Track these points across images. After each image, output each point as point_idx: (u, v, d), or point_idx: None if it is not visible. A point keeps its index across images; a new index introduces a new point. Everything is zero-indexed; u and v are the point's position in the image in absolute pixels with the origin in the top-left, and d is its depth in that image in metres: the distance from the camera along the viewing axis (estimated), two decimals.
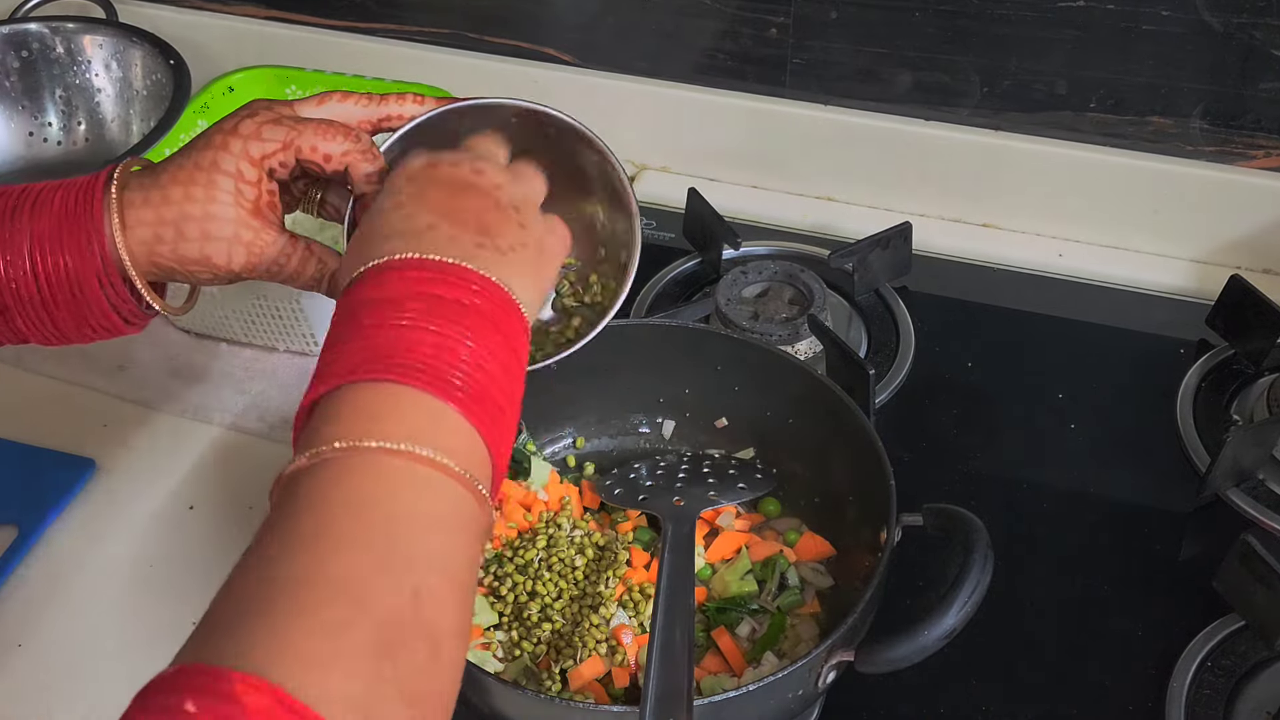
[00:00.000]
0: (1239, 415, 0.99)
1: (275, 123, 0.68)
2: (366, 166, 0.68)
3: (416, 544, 0.50)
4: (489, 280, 0.59)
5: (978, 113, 1.14)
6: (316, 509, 0.50)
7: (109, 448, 1.00)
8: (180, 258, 0.68)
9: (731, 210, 1.15)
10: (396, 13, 1.27)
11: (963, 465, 0.97)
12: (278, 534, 0.50)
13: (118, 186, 0.67)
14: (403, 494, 0.51)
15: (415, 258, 0.58)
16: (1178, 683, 0.81)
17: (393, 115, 0.72)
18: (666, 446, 0.94)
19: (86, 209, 0.67)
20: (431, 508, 0.52)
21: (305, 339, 1.05)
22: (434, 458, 0.52)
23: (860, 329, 1.08)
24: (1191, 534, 0.93)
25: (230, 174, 0.67)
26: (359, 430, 0.52)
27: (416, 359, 0.54)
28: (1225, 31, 1.02)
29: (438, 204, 0.61)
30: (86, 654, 0.87)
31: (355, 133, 0.69)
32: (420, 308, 0.56)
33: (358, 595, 0.47)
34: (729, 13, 1.15)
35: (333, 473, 0.51)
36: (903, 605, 0.80)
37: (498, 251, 0.60)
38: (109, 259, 0.67)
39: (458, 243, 0.59)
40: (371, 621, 0.46)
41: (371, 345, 0.55)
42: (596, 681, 0.78)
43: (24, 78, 1.22)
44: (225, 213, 0.67)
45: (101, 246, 0.67)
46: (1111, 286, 1.12)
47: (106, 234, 0.67)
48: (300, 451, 0.52)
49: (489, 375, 0.56)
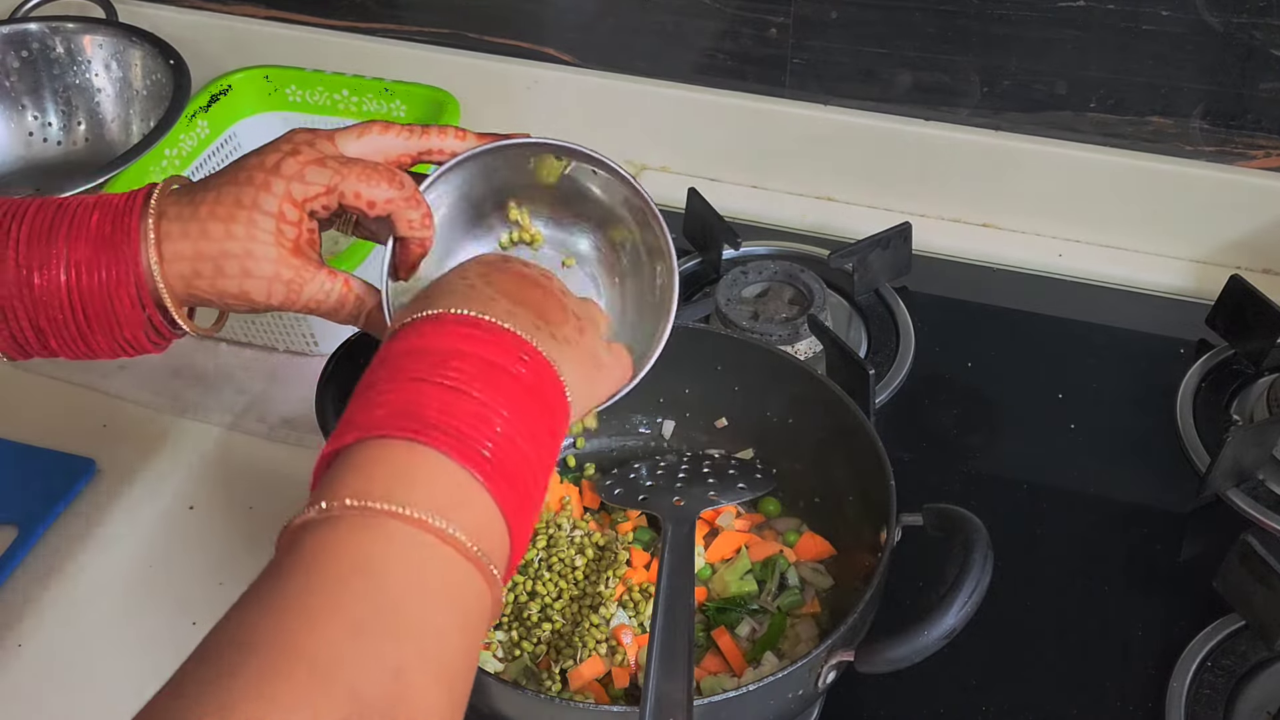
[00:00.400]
0: (1239, 415, 0.99)
1: (319, 164, 0.66)
2: (411, 213, 0.67)
3: (410, 621, 0.47)
4: (539, 354, 0.58)
5: (978, 113, 1.14)
6: (309, 570, 0.47)
7: (109, 448, 1.00)
8: (219, 292, 0.67)
9: (731, 210, 1.15)
10: (396, 13, 1.27)
11: (963, 465, 0.97)
12: (262, 592, 0.47)
13: (155, 215, 0.66)
14: (404, 565, 0.48)
15: (470, 315, 0.57)
16: (1178, 683, 0.81)
17: (434, 149, 0.71)
18: (666, 446, 0.94)
19: (124, 235, 0.65)
20: (436, 586, 0.49)
21: (305, 339, 1.05)
22: (446, 530, 0.49)
23: (860, 329, 1.08)
24: (1191, 534, 0.93)
25: (272, 214, 0.65)
26: (376, 491, 0.49)
27: (452, 423, 0.52)
28: (1225, 31, 1.02)
29: (503, 285, 0.61)
30: (86, 654, 0.87)
31: (400, 178, 0.67)
32: (465, 369, 0.55)
33: (331, 668, 0.44)
34: (729, 13, 1.15)
35: (338, 534, 0.49)
36: (903, 605, 0.80)
37: (553, 339, 0.60)
38: (145, 287, 0.66)
39: (515, 317, 0.59)
40: (340, 698, 0.43)
41: (406, 401, 0.53)
42: (596, 682, 0.78)
43: (24, 78, 1.22)
44: (266, 252, 0.66)
45: (138, 275, 0.66)
46: (1111, 286, 1.12)
47: (143, 264, 0.66)
48: (314, 501, 0.50)
49: (521, 452, 0.54)
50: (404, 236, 0.68)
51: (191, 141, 1.14)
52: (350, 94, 1.18)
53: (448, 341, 0.56)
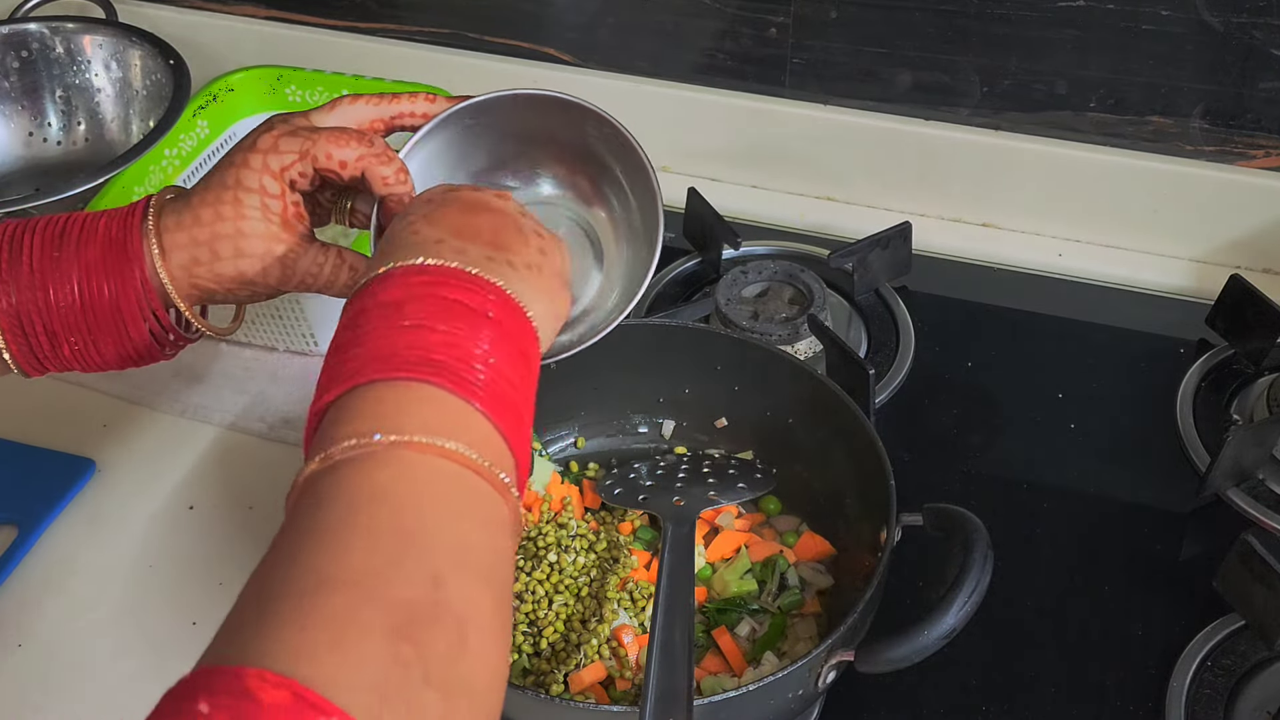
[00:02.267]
0: (1239, 415, 0.99)
1: (291, 134, 0.68)
2: (382, 169, 0.68)
3: (434, 533, 0.49)
4: (495, 286, 0.58)
5: (978, 113, 1.14)
6: (326, 507, 0.49)
7: (109, 448, 1.00)
8: (218, 276, 0.69)
9: (731, 210, 1.15)
10: (396, 13, 1.27)
11: (963, 465, 0.97)
12: (288, 536, 0.49)
13: (154, 214, 0.68)
14: (419, 485, 0.50)
15: (416, 264, 0.58)
16: (1178, 683, 0.81)
17: (404, 113, 0.72)
18: (666, 446, 0.94)
19: (128, 235, 0.68)
20: (450, 498, 0.51)
21: (305, 339, 1.05)
22: (449, 447, 0.51)
23: (860, 329, 1.08)
24: (1191, 534, 0.93)
25: (254, 189, 0.67)
26: (371, 427, 0.51)
27: (428, 355, 0.54)
28: (1225, 31, 1.02)
29: (449, 221, 0.61)
30: (86, 654, 0.87)
31: (368, 137, 0.69)
32: (424, 310, 0.56)
33: (368, 584, 0.46)
34: (729, 13, 1.15)
35: (345, 471, 0.50)
36: (903, 605, 0.80)
37: (509, 266, 0.60)
38: (150, 285, 0.68)
39: (465, 254, 0.59)
40: (382, 606, 0.45)
41: (376, 347, 0.54)
42: (597, 684, 0.78)
43: (24, 78, 1.22)
44: (255, 229, 0.68)
45: (142, 273, 0.67)
46: (1111, 286, 1.12)
47: (146, 261, 0.67)
48: (312, 455, 0.52)
49: (504, 377, 0.55)
50: (382, 195, 0.69)
51: (191, 141, 1.14)
52: None
53: (399, 292, 0.57)
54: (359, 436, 0.51)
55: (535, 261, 0.62)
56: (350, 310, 0.58)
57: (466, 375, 0.54)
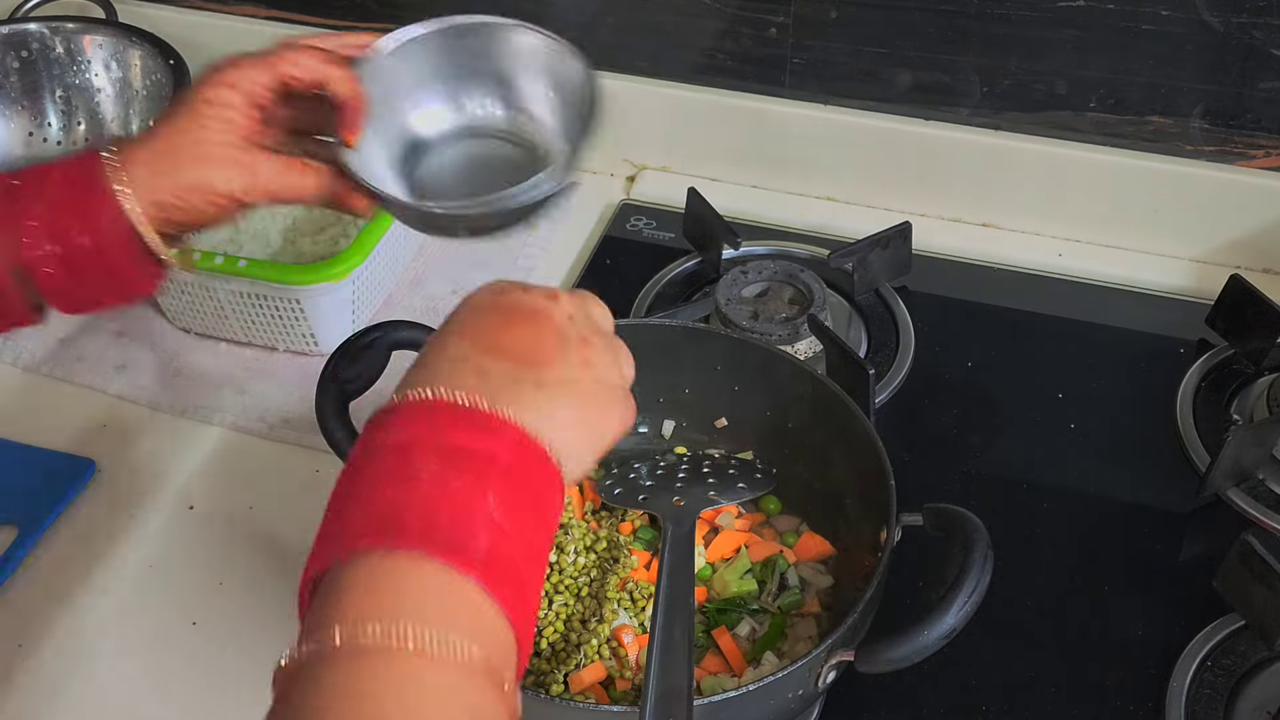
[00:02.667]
0: (1239, 415, 0.99)
1: (250, 57, 0.73)
2: (334, 70, 0.73)
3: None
4: (509, 423, 0.53)
5: (978, 113, 1.14)
6: (312, 703, 0.45)
7: (109, 448, 1.00)
8: (179, 187, 0.70)
9: (731, 210, 1.15)
10: (396, 13, 1.27)
11: (963, 465, 0.97)
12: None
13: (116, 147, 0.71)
14: (407, 696, 0.45)
15: (427, 398, 0.53)
16: (1178, 683, 0.81)
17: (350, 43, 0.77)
18: (666, 446, 0.94)
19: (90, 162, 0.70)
20: (442, 709, 0.46)
21: (305, 339, 1.05)
22: (445, 653, 0.46)
23: (860, 329, 1.08)
24: (1191, 534, 0.93)
25: (211, 101, 0.71)
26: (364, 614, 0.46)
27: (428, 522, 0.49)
28: (1225, 31, 1.02)
29: (482, 334, 0.57)
30: (86, 654, 0.87)
31: (323, 51, 0.74)
32: (428, 460, 0.51)
33: None
34: (729, 13, 1.15)
35: (330, 675, 0.46)
36: (903, 605, 0.80)
37: (536, 386, 0.55)
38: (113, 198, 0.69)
39: (487, 377, 0.54)
40: None
41: (377, 507, 0.50)
42: (597, 684, 0.78)
43: (24, 78, 1.22)
44: (214, 137, 0.71)
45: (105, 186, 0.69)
46: (1111, 286, 1.12)
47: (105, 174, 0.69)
48: (304, 637, 0.47)
49: (509, 539, 0.50)
50: (335, 94, 0.73)
51: None
52: None
53: (407, 433, 0.52)
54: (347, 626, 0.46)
55: (572, 376, 0.56)
56: (359, 446, 0.54)
57: (468, 545, 0.49)
